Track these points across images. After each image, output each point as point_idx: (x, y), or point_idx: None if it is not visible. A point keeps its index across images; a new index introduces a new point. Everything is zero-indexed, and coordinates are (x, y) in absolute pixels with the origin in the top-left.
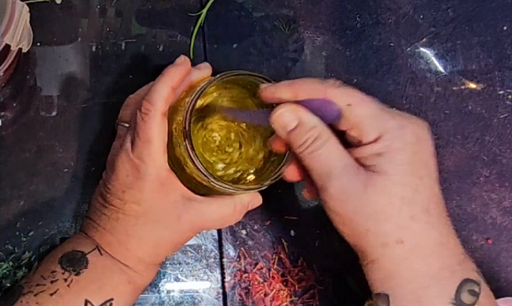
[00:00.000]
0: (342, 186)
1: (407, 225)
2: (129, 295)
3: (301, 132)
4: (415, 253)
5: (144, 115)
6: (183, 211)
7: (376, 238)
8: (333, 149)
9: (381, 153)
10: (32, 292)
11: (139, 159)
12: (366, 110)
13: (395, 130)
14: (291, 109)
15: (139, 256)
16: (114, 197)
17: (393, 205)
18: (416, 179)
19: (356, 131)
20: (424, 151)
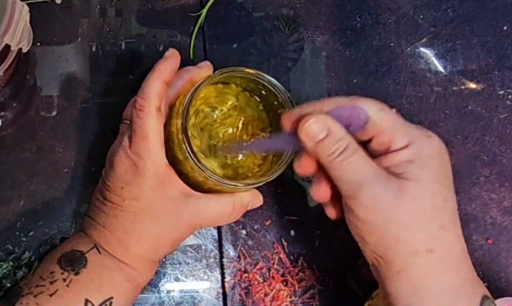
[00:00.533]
0: (375, 194)
1: (437, 234)
2: (129, 293)
3: (331, 142)
4: (444, 264)
5: (139, 112)
6: (182, 207)
7: (407, 246)
8: (363, 159)
9: (413, 160)
10: (31, 293)
11: (137, 155)
12: (396, 117)
13: (424, 138)
14: (321, 120)
15: (138, 253)
16: (113, 194)
17: (425, 213)
18: (445, 189)
19: (386, 137)
20: (447, 162)
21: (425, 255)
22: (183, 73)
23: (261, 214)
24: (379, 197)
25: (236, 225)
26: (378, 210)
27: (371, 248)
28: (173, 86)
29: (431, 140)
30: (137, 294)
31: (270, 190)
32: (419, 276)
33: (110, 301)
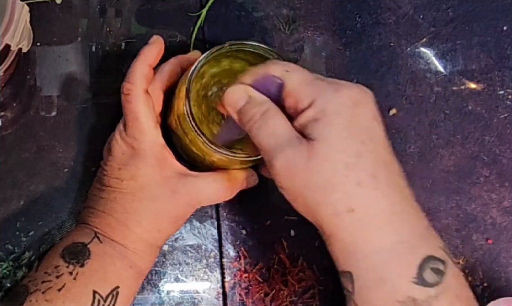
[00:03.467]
0: (287, 160)
1: (355, 192)
2: (132, 280)
3: (250, 108)
4: (368, 223)
5: (127, 96)
6: (179, 185)
7: (327, 209)
8: (278, 123)
9: (317, 118)
10: (39, 289)
11: (132, 137)
12: (302, 76)
13: (329, 94)
14: (240, 87)
15: (138, 232)
16: (111, 177)
17: (338, 171)
18: (357, 143)
19: (292, 98)
20: (363, 114)
21: (346, 216)
22: (172, 60)
23: (261, 214)
24: (292, 163)
25: (236, 225)
26: (293, 176)
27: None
28: (163, 72)
29: (338, 94)
30: (140, 282)
31: (270, 190)
32: (348, 237)
33: (117, 290)
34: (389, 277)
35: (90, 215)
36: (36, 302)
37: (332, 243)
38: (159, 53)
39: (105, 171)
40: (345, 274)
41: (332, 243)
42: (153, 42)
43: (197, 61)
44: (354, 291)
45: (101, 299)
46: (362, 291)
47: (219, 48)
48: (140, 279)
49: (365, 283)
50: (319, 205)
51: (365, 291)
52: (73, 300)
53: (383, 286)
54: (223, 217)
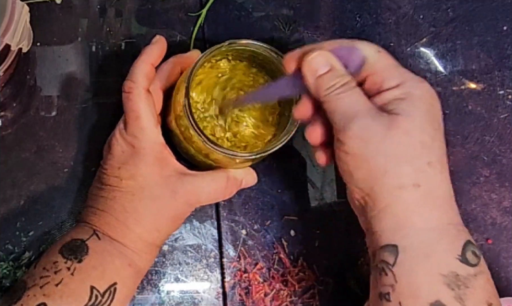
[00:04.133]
0: (366, 125)
1: (425, 170)
2: (131, 278)
3: (332, 77)
4: (429, 201)
5: (129, 94)
6: (178, 185)
7: (394, 179)
8: (359, 95)
9: (403, 98)
10: (37, 284)
11: (132, 136)
12: (391, 60)
13: (415, 81)
14: (324, 55)
15: (138, 232)
16: (111, 176)
17: (414, 147)
18: (434, 129)
19: (378, 77)
20: (437, 108)
21: (411, 189)
22: (172, 59)
23: (261, 214)
24: (370, 128)
25: (236, 225)
26: (368, 141)
27: (359, 185)
28: (162, 72)
29: (423, 84)
30: (138, 281)
31: (270, 190)
32: (404, 211)
33: (114, 287)
34: (436, 252)
35: (89, 214)
36: (33, 297)
37: (383, 216)
38: (162, 53)
39: (105, 169)
40: (388, 248)
41: (383, 216)
42: (155, 41)
43: (197, 60)
44: (396, 263)
45: (98, 294)
46: (405, 263)
47: (219, 47)
48: (139, 279)
49: (411, 256)
50: (387, 173)
51: (409, 263)
52: (70, 295)
53: (429, 259)
54: (223, 217)
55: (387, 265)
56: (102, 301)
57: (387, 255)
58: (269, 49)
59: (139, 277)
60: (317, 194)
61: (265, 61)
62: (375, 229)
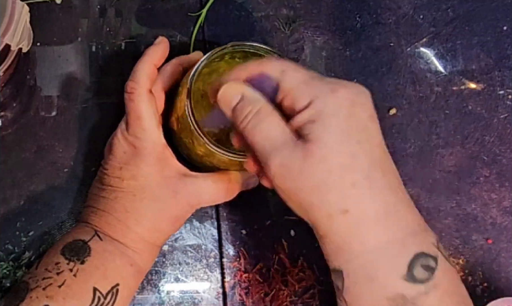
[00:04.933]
0: (282, 161)
1: (349, 193)
2: (132, 278)
3: (244, 107)
4: (361, 223)
5: (131, 95)
6: (180, 185)
7: (321, 210)
8: (273, 124)
9: (314, 120)
10: (40, 286)
11: (134, 136)
12: (298, 77)
13: (326, 95)
14: (234, 85)
15: (139, 232)
16: (112, 176)
17: (333, 173)
18: (353, 144)
19: (289, 99)
20: (360, 115)
21: (340, 217)
22: (174, 60)
23: (261, 214)
24: (287, 164)
25: (236, 225)
26: (288, 177)
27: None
28: (165, 73)
29: (335, 95)
30: (140, 281)
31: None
32: (339, 238)
33: (117, 288)
34: (379, 274)
35: (90, 214)
36: (36, 299)
37: (324, 242)
38: (164, 54)
39: (106, 170)
40: (335, 272)
41: (324, 242)
42: (158, 42)
43: (199, 62)
44: (344, 288)
45: (101, 296)
46: (351, 289)
47: (221, 49)
48: (140, 278)
49: (355, 281)
50: (313, 205)
51: (355, 288)
52: (74, 297)
53: (372, 283)
54: (223, 217)
55: (338, 290)
56: (104, 303)
57: (335, 278)
58: (271, 51)
59: (140, 277)
60: None
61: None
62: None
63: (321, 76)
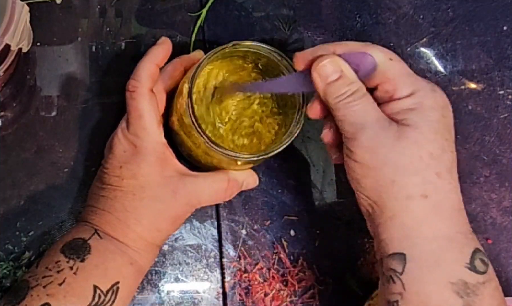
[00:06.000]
0: (375, 135)
1: (433, 181)
2: (132, 277)
3: (343, 84)
4: (437, 211)
5: (132, 93)
6: (179, 185)
7: (402, 189)
8: (369, 104)
9: (414, 108)
10: (40, 284)
11: (134, 135)
12: (404, 67)
13: (427, 91)
14: (335, 61)
15: (138, 231)
16: (112, 175)
17: (422, 159)
18: (443, 140)
19: (390, 85)
20: (449, 117)
21: (419, 200)
22: (175, 60)
23: (261, 214)
24: (379, 139)
25: (236, 225)
26: (376, 151)
27: (366, 193)
28: (166, 73)
29: (435, 94)
30: (140, 279)
31: (270, 190)
32: (412, 221)
33: (117, 286)
34: (445, 260)
35: (90, 213)
36: (37, 297)
37: (391, 225)
38: (167, 53)
39: (106, 169)
40: (396, 256)
41: (391, 225)
42: (161, 42)
43: (200, 61)
44: (404, 271)
45: (101, 294)
46: (414, 272)
47: (223, 48)
48: (140, 277)
49: (420, 265)
50: (395, 183)
51: (418, 272)
52: (74, 295)
53: (437, 268)
54: (223, 217)
55: (395, 273)
56: (105, 301)
57: (395, 263)
58: (272, 50)
59: (140, 275)
60: (317, 194)
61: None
62: (382, 237)
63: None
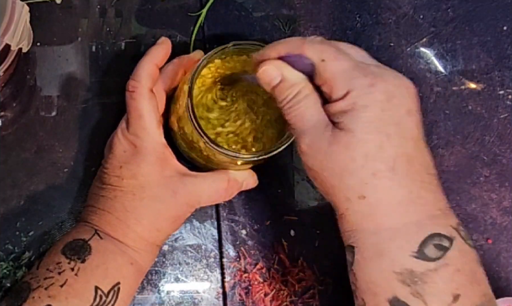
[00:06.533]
0: (311, 141)
1: (369, 181)
2: (133, 277)
3: (284, 88)
4: (379, 209)
5: (132, 93)
6: (179, 185)
7: (340, 192)
8: (310, 105)
9: (347, 110)
10: (42, 286)
11: (134, 135)
12: (338, 67)
13: (363, 88)
14: (275, 65)
15: (139, 231)
16: (112, 175)
17: (356, 161)
18: (382, 137)
19: (327, 88)
20: (395, 109)
21: (357, 201)
22: (175, 60)
23: (261, 214)
24: (315, 145)
25: (236, 225)
26: (314, 158)
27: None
28: (165, 73)
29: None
30: (140, 279)
31: (270, 190)
32: (355, 219)
33: (118, 286)
34: (388, 250)
35: (90, 214)
36: (39, 299)
37: (342, 222)
38: (167, 53)
39: (106, 169)
40: (348, 248)
41: (342, 222)
42: (161, 42)
43: (200, 61)
44: (354, 262)
45: (103, 294)
46: (361, 263)
47: (222, 48)
48: (140, 277)
49: (365, 256)
50: (334, 187)
51: (364, 262)
52: (76, 296)
53: (382, 258)
54: (223, 217)
55: (349, 263)
56: (106, 301)
57: (348, 254)
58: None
59: (141, 275)
60: (317, 194)
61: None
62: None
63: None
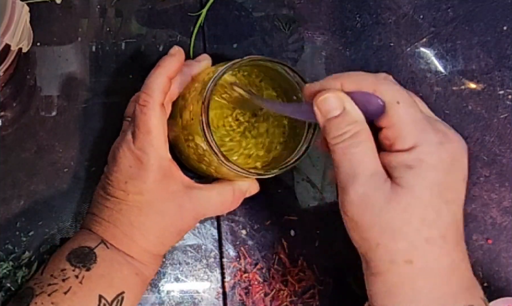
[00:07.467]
0: (365, 194)
1: (420, 247)
2: (138, 287)
3: (342, 123)
4: (423, 275)
5: (143, 107)
6: (185, 199)
7: (386, 253)
8: (367, 152)
9: (412, 166)
10: (45, 292)
11: (141, 150)
12: (411, 114)
13: (432, 145)
14: (338, 96)
15: (144, 246)
16: (117, 189)
17: (411, 225)
18: (442, 203)
19: (392, 133)
20: (456, 174)
21: (402, 265)
22: (184, 68)
23: (261, 214)
24: (368, 198)
25: (236, 225)
26: (364, 211)
27: (355, 243)
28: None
29: (442, 149)
30: (144, 289)
31: (270, 190)
32: (394, 282)
33: (122, 295)
34: None
35: (94, 223)
36: (41, 305)
37: (375, 281)
38: (180, 65)
39: (111, 181)
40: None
41: (375, 281)
42: (173, 53)
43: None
44: None
45: (106, 303)
46: None
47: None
48: (144, 287)
49: None
50: (379, 246)
51: None
52: (79, 304)
53: None
54: (223, 217)
55: None
56: None
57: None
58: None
59: (145, 285)
60: (317, 194)
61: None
62: (368, 287)
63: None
